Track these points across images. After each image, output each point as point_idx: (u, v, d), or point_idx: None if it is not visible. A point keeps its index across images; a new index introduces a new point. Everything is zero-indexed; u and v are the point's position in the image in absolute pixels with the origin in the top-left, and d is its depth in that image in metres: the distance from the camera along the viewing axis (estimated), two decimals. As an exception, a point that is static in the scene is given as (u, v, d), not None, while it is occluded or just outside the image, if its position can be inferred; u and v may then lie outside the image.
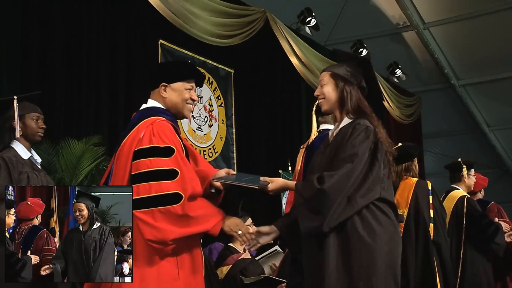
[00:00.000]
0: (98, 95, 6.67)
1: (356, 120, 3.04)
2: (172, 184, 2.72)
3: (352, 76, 3.12)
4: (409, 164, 4.87)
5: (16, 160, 3.67)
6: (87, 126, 6.40)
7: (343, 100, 3.10)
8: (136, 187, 2.72)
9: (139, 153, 2.80)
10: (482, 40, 11.12)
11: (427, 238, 4.61)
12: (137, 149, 2.80)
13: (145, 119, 2.90)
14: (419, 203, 4.67)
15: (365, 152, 2.91)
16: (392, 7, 10.55)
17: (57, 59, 6.27)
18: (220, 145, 8.44)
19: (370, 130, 2.97)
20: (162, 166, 2.76)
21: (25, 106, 3.80)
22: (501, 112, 12.65)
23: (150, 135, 2.82)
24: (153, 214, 2.70)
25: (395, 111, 11.53)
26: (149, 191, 2.71)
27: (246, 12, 8.20)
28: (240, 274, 4.88)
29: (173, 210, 2.70)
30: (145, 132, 2.83)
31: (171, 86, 3.01)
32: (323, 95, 3.16)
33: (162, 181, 2.73)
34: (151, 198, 2.71)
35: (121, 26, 7.06)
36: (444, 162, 6.93)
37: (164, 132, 2.86)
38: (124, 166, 2.82)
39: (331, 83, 3.14)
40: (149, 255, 2.75)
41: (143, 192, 2.71)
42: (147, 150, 2.79)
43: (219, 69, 8.55)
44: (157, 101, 3.04)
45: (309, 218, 2.87)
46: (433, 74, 12.40)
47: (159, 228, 2.69)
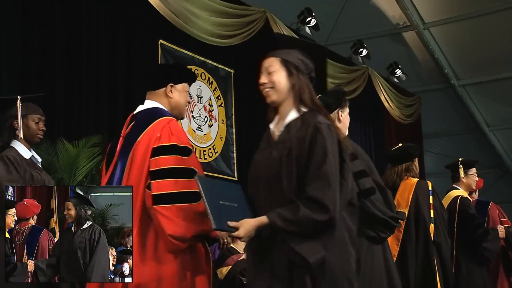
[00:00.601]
0: (98, 95, 6.67)
1: (307, 115, 2.67)
2: (192, 183, 2.72)
3: (304, 65, 2.76)
4: (409, 164, 4.86)
5: (20, 159, 3.69)
6: (87, 126, 6.40)
7: (296, 91, 2.72)
8: (157, 183, 2.76)
9: (159, 150, 2.83)
10: (482, 40, 11.12)
11: (427, 238, 4.61)
12: (156, 146, 2.83)
13: (159, 119, 2.93)
14: (419, 203, 4.67)
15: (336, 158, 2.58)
16: (392, 7, 10.55)
17: (57, 59, 6.27)
18: (220, 145, 8.44)
19: (332, 129, 2.63)
20: (182, 164, 2.81)
21: (28, 107, 3.81)
22: (501, 112, 12.65)
23: (169, 133, 2.86)
24: (176, 210, 2.73)
25: (395, 111, 11.53)
26: (173, 188, 2.75)
27: (246, 12, 8.21)
28: (240, 275, 4.87)
29: (194, 207, 2.73)
30: (162, 130, 2.87)
31: (176, 87, 3.08)
32: (272, 84, 2.81)
33: (183, 178, 2.78)
34: (174, 194, 2.74)
35: (121, 26, 7.06)
36: (444, 162, 6.94)
37: (181, 132, 2.94)
38: (141, 162, 2.84)
39: (282, 71, 2.78)
40: (159, 254, 2.77)
41: (165, 188, 2.75)
42: (168, 147, 2.84)
43: (219, 69, 8.55)
44: (159, 101, 3.07)
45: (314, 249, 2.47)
46: (433, 74, 12.40)
47: (181, 224, 2.72)
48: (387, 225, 3.49)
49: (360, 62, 10.82)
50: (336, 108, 3.71)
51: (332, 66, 9.99)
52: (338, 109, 3.72)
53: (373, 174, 3.59)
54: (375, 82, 10.94)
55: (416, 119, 12.47)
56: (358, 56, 10.67)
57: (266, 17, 8.39)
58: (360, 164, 3.55)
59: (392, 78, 11.65)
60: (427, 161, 12.93)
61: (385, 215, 3.47)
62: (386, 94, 11.23)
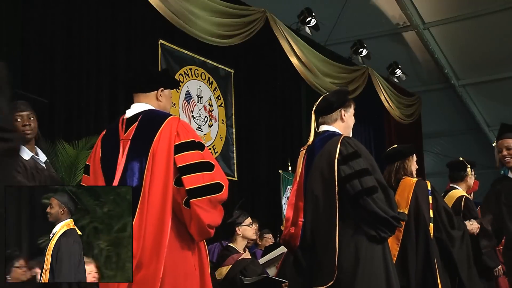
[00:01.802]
0: (98, 95, 6.67)
1: None
2: (215, 175, 2.94)
3: None
4: (402, 162, 4.86)
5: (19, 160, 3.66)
6: (87, 126, 6.41)
7: None
8: (189, 177, 2.88)
9: (182, 146, 2.94)
10: (482, 40, 11.13)
11: (427, 238, 4.60)
12: (178, 143, 2.94)
13: (168, 117, 3.02)
14: (419, 203, 4.66)
15: None
16: (392, 7, 10.55)
17: (57, 59, 6.27)
18: (220, 145, 8.44)
19: None
20: (203, 158, 2.95)
21: None
22: (501, 112, 12.64)
23: (185, 131, 2.99)
24: (209, 201, 2.89)
25: (395, 111, 11.53)
26: (201, 181, 2.89)
27: (246, 12, 8.21)
28: (240, 274, 4.87)
29: (219, 197, 2.93)
30: (178, 128, 2.97)
31: (165, 92, 3.18)
32: None
33: (207, 171, 2.92)
34: (204, 187, 2.88)
35: (121, 26, 7.06)
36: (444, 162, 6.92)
37: (191, 128, 3.09)
38: (166, 161, 2.92)
39: None
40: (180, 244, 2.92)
41: (197, 181, 2.88)
42: (189, 143, 2.95)
43: (219, 69, 8.55)
44: (150, 104, 3.13)
45: None
46: (433, 74, 12.40)
47: (214, 213, 2.91)
48: (388, 225, 3.48)
49: (360, 62, 10.82)
50: (338, 108, 3.71)
51: (332, 66, 9.99)
52: (341, 108, 3.72)
53: (375, 173, 3.58)
54: (375, 82, 10.95)
55: (416, 119, 12.47)
56: (358, 56, 10.68)
57: (266, 17, 8.40)
58: (363, 162, 3.54)
59: (392, 78, 11.65)
60: (427, 161, 12.93)
61: (387, 214, 3.46)
62: (386, 94, 11.23)
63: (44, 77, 6.13)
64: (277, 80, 9.45)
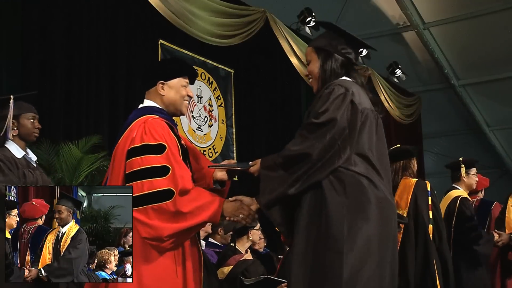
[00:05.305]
0: (98, 95, 6.67)
1: None
2: (164, 181, 2.73)
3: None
4: (407, 162, 4.87)
5: (11, 158, 3.67)
6: (87, 126, 6.41)
7: None
8: (130, 186, 2.74)
9: (132, 152, 2.82)
10: (482, 40, 11.12)
11: (426, 238, 4.60)
12: (130, 148, 2.82)
13: (138, 118, 2.92)
14: (418, 204, 4.67)
15: None
16: (392, 7, 10.55)
17: (57, 58, 6.27)
18: (220, 145, 8.44)
19: None
20: (154, 163, 2.77)
21: (21, 106, 3.79)
22: (501, 112, 12.65)
23: (142, 133, 2.83)
24: (147, 212, 2.72)
25: (395, 111, 11.53)
26: (142, 189, 2.73)
27: (246, 12, 8.21)
28: (242, 275, 4.87)
29: (165, 206, 2.71)
30: (137, 131, 2.84)
31: (168, 84, 3.03)
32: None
33: (153, 178, 2.74)
34: (143, 196, 2.72)
35: (121, 26, 7.06)
36: (444, 162, 6.93)
37: (155, 129, 2.86)
38: (118, 165, 2.84)
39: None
40: (147, 253, 2.76)
41: (136, 190, 2.72)
42: (139, 148, 2.80)
43: (219, 69, 8.55)
44: (154, 100, 3.05)
45: None
46: (433, 74, 12.40)
47: (153, 225, 2.71)
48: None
49: (360, 62, 10.82)
50: None
51: (332, 66, 9.97)
52: None
53: None
54: (375, 82, 10.94)
55: (416, 119, 12.47)
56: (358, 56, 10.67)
57: (266, 17, 8.39)
58: None
59: (392, 78, 11.65)
60: (427, 161, 12.93)
61: None
62: (386, 94, 11.23)
63: (44, 78, 6.13)
64: (277, 80, 9.46)
